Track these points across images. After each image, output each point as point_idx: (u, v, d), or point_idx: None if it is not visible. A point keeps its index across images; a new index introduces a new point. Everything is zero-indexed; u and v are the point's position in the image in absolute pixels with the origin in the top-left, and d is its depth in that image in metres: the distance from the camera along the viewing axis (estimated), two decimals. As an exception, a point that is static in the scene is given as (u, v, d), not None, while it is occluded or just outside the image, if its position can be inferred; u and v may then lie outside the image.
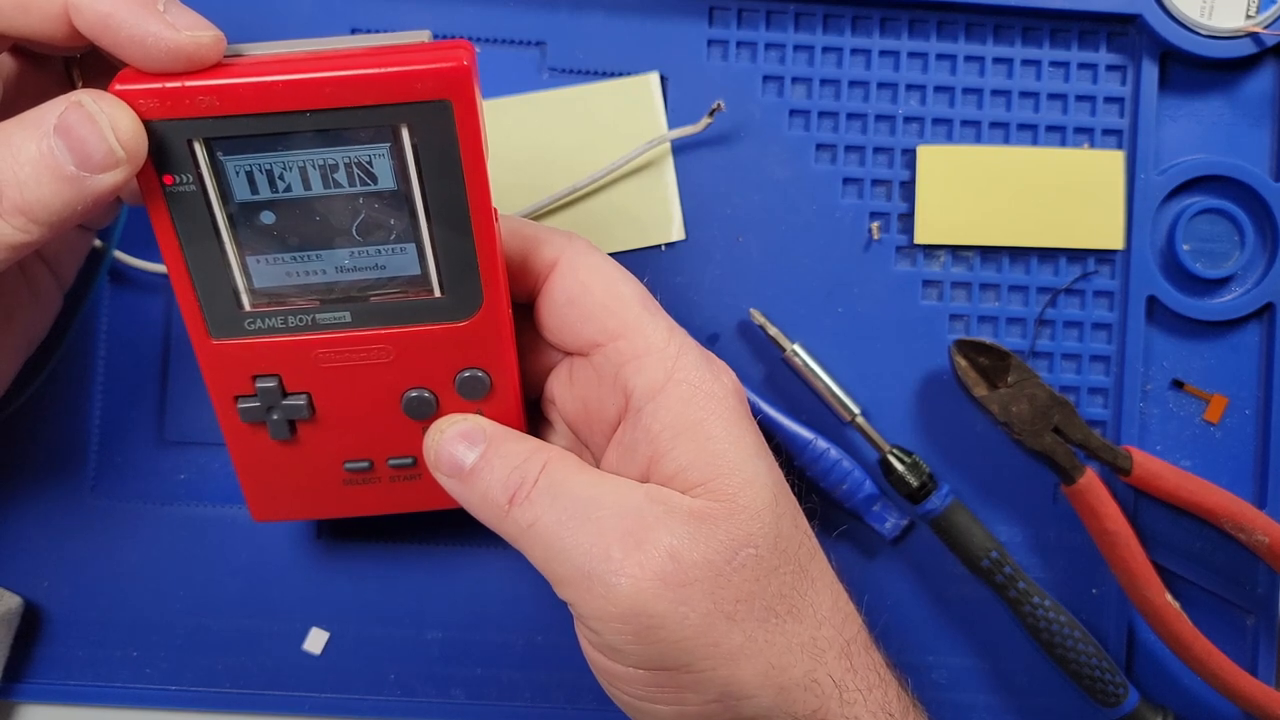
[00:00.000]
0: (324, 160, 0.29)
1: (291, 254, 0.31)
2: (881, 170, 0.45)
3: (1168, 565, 0.44)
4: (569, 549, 0.30)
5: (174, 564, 0.44)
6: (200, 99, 0.28)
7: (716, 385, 0.32)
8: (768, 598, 0.31)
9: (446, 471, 0.33)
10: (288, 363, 0.33)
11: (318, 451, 0.35)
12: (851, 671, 0.32)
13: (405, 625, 0.44)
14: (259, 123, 0.28)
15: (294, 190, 0.30)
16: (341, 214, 0.30)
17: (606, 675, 0.32)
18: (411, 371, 0.33)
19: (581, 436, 0.36)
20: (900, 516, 0.44)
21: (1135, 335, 0.44)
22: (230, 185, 0.29)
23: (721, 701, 0.31)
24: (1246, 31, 0.44)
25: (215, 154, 0.29)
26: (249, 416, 0.34)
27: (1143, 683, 0.45)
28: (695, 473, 0.31)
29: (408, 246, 0.31)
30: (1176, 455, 0.45)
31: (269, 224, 0.30)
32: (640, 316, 0.32)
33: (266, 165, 0.29)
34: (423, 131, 0.29)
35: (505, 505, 0.31)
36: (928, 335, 0.45)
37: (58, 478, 0.43)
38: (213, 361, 0.33)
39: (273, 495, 0.36)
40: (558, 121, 0.44)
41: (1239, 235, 0.45)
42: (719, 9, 0.44)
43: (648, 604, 0.29)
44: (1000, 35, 0.45)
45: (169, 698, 0.43)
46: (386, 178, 0.30)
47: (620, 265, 0.34)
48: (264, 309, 0.32)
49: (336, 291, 0.32)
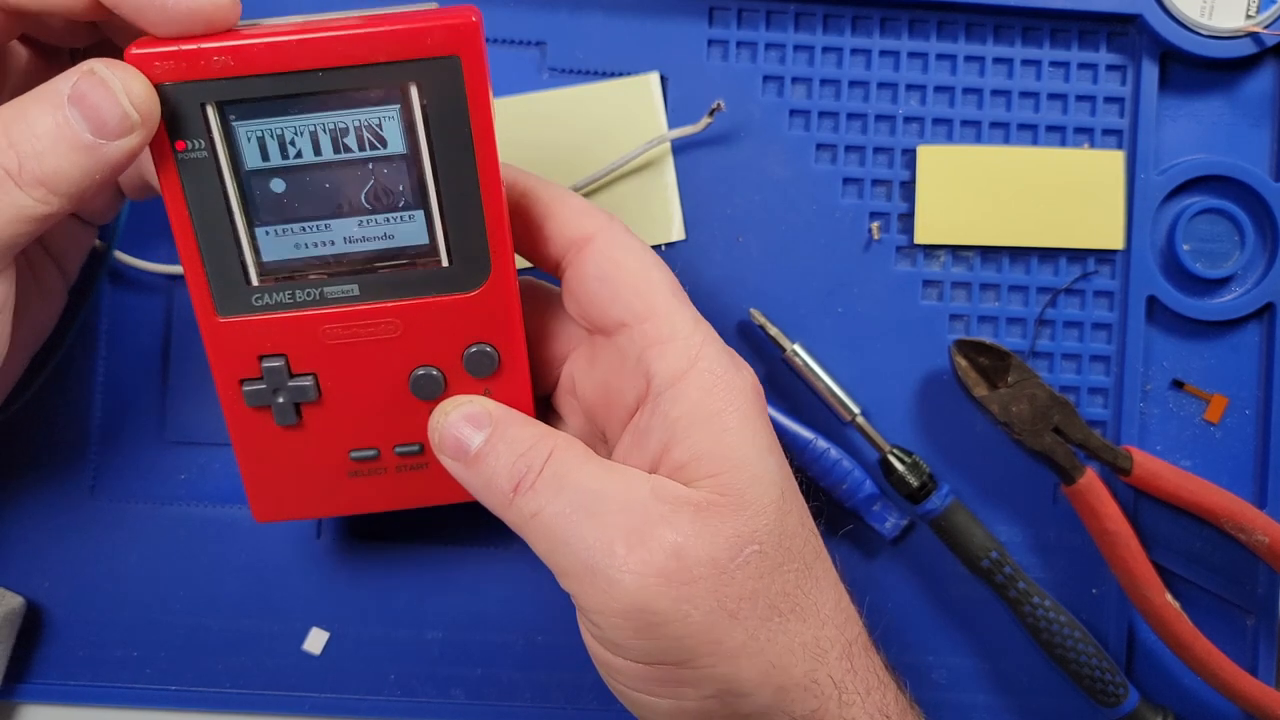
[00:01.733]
0: (334, 124, 0.30)
1: (300, 224, 0.31)
2: (881, 170, 0.45)
3: (1168, 565, 0.44)
4: (572, 542, 0.30)
5: (174, 564, 0.44)
6: (215, 60, 0.28)
7: (737, 378, 0.32)
8: (771, 596, 0.31)
9: (451, 454, 0.33)
10: (294, 341, 0.33)
11: (323, 438, 0.35)
12: (852, 673, 0.32)
13: (405, 625, 0.44)
14: (272, 83, 0.29)
15: (304, 156, 0.30)
16: (351, 181, 0.31)
17: (606, 667, 0.32)
18: (419, 347, 0.33)
19: (598, 421, 0.36)
20: (900, 516, 0.44)
21: (1135, 335, 0.44)
22: (241, 152, 0.30)
23: (719, 698, 0.31)
24: (1246, 31, 0.44)
25: (228, 119, 0.29)
26: (254, 400, 0.33)
27: (1143, 683, 0.45)
28: (707, 463, 0.31)
29: (416, 214, 0.31)
30: (1176, 455, 0.45)
31: (279, 193, 0.31)
32: (670, 302, 0.32)
33: (278, 130, 0.30)
34: (432, 91, 0.30)
35: (510, 493, 0.31)
36: (928, 335, 0.45)
37: (58, 478, 0.43)
38: (219, 341, 0.33)
39: (276, 491, 0.36)
40: (558, 121, 0.44)
41: (1239, 235, 0.45)
42: (719, 9, 0.44)
43: (651, 601, 0.29)
44: (1000, 35, 0.45)
45: (169, 698, 0.43)
46: (396, 141, 0.30)
47: (654, 252, 0.33)
48: (271, 284, 0.32)
49: (345, 263, 0.32)
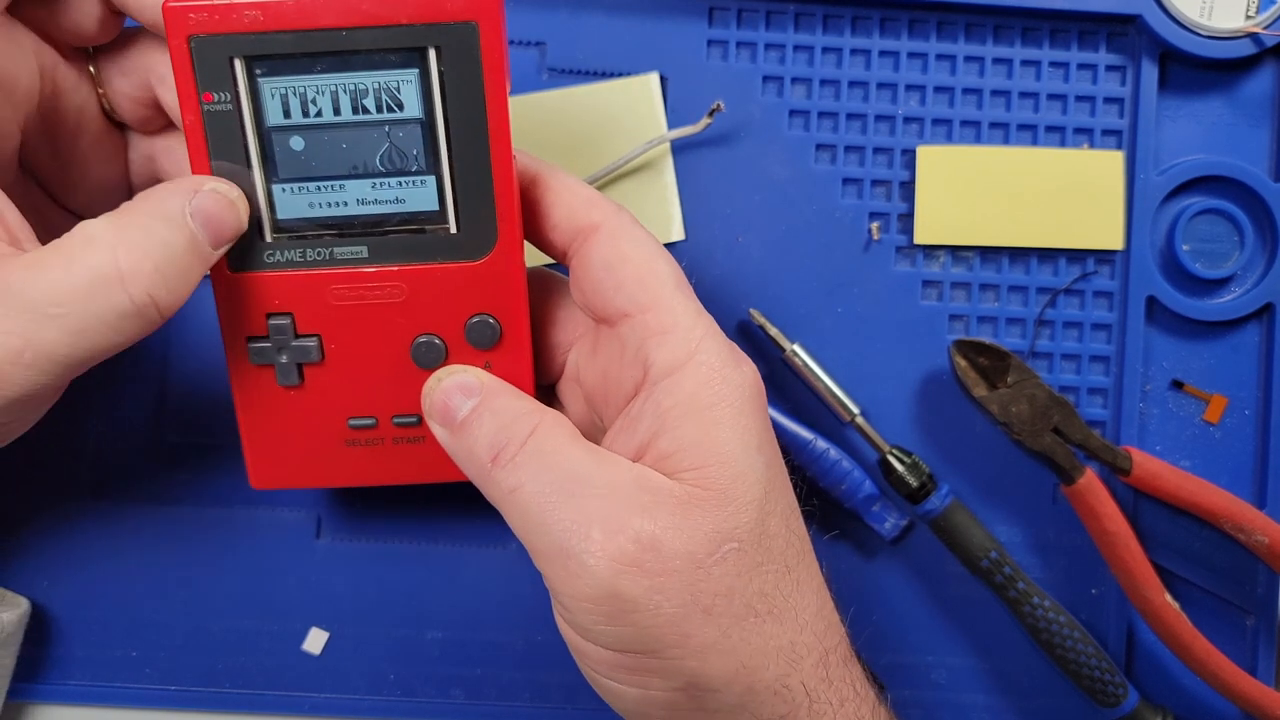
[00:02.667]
0: (355, 85, 0.31)
1: (316, 183, 0.32)
2: (881, 170, 0.45)
3: (1168, 565, 0.44)
4: (549, 523, 0.30)
5: (174, 564, 0.44)
6: (245, 14, 0.30)
7: (735, 373, 0.32)
8: (748, 595, 0.30)
9: (439, 420, 0.33)
10: (302, 300, 0.33)
11: (323, 403, 0.35)
12: (826, 682, 0.31)
13: (405, 625, 0.44)
14: (296, 39, 0.30)
15: (324, 116, 0.31)
16: (367, 143, 0.32)
17: (576, 651, 0.32)
18: (423, 314, 0.34)
19: (597, 409, 0.36)
20: (900, 516, 0.44)
21: (1135, 335, 0.44)
22: (265, 107, 0.31)
23: (687, 691, 0.30)
24: (1246, 32, 0.44)
25: (254, 74, 0.31)
26: (258, 358, 0.34)
27: (1142, 683, 0.45)
28: (691, 455, 0.31)
29: (428, 179, 0.32)
30: (1176, 455, 0.45)
31: (298, 150, 0.32)
32: (673, 294, 0.32)
33: (300, 88, 0.31)
34: (450, 57, 0.31)
35: (488, 464, 0.31)
36: (928, 335, 0.45)
37: (58, 478, 0.43)
38: (229, 295, 0.33)
39: (275, 456, 0.36)
40: (558, 121, 0.44)
41: (1239, 235, 0.45)
42: (719, 9, 0.44)
43: (622, 589, 0.29)
44: (1000, 35, 0.45)
45: (169, 698, 0.44)
46: (413, 105, 0.31)
47: (661, 244, 0.34)
48: (284, 241, 0.33)
49: (356, 225, 0.33)
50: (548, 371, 0.37)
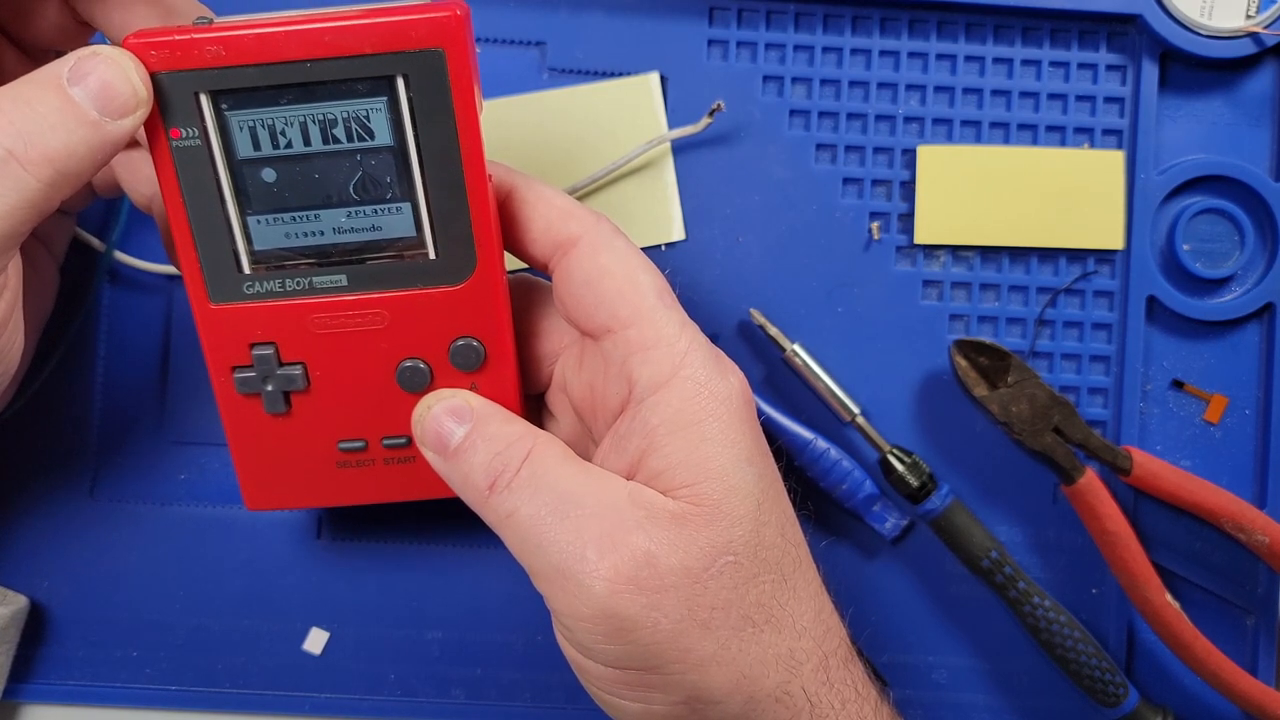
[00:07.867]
0: (323, 115, 0.31)
1: (291, 213, 0.32)
2: (881, 170, 0.45)
3: (1168, 565, 0.44)
4: (545, 545, 0.30)
5: (174, 564, 0.44)
6: (207, 49, 0.29)
7: (721, 385, 0.32)
8: (745, 606, 0.30)
9: (432, 447, 0.33)
10: (284, 329, 0.33)
11: (312, 428, 0.35)
12: (827, 685, 0.31)
13: (405, 625, 0.44)
14: (262, 73, 0.30)
15: (295, 146, 0.31)
16: (339, 172, 0.31)
17: (578, 668, 0.33)
18: (406, 339, 0.34)
19: (586, 421, 0.36)
20: (900, 516, 0.44)
21: (1135, 335, 0.44)
22: (234, 141, 0.31)
23: (689, 704, 0.31)
24: (1246, 31, 0.44)
25: (220, 108, 0.30)
26: (245, 387, 0.34)
27: (1143, 683, 0.45)
28: (682, 473, 0.31)
29: (403, 206, 0.32)
30: (1176, 455, 0.45)
31: (270, 182, 0.31)
32: (655, 307, 0.32)
33: (269, 120, 0.30)
34: (418, 84, 0.30)
35: (485, 491, 0.31)
36: (928, 335, 0.45)
37: (58, 478, 0.43)
38: (212, 327, 0.33)
39: (267, 479, 0.37)
40: (558, 121, 0.44)
41: (1239, 235, 0.45)
42: (719, 9, 0.44)
43: (620, 608, 0.29)
44: (1000, 35, 0.45)
45: (169, 698, 0.43)
46: (383, 133, 0.31)
47: (643, 253, 0.33)
48: (263, 272, 0.32)
49: (334, 254, 0.32)
50: (535, 382, 0.37)
